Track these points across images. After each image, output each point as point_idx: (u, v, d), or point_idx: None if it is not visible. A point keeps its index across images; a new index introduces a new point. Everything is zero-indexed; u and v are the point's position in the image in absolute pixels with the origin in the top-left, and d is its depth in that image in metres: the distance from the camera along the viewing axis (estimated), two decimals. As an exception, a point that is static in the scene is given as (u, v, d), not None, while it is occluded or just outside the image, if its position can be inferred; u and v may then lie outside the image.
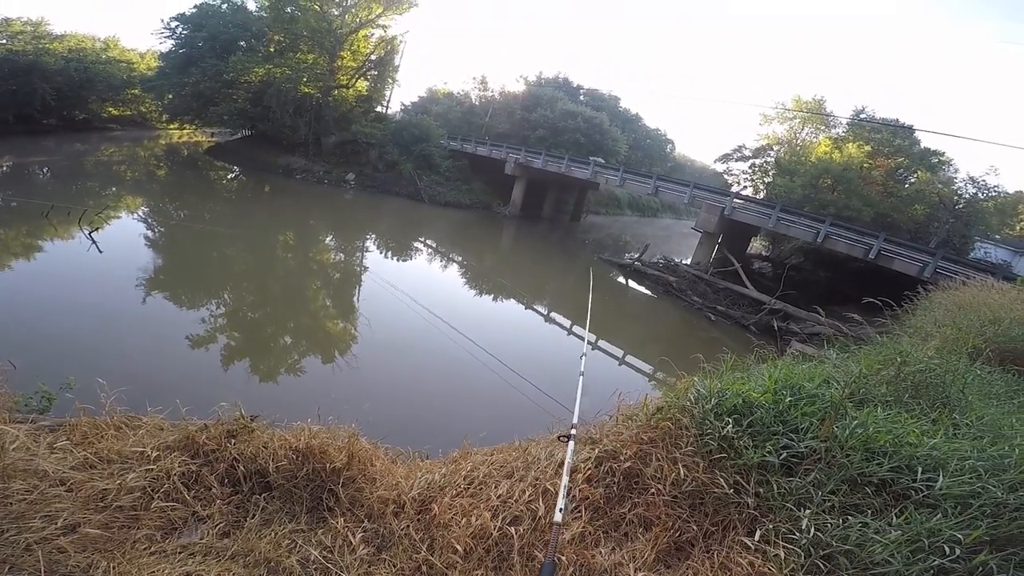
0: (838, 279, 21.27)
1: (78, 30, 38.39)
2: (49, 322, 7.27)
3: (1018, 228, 35.40)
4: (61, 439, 2.50)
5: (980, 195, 23.24)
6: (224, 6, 31.37)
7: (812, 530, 2.09)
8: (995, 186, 23.37)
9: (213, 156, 32.12)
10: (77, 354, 6.36)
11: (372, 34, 32.93)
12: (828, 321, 11.93)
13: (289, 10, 29.88)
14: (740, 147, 34.53)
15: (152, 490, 2.25)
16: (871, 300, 6.36)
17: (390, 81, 34.72)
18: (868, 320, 6.98)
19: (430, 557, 2.25)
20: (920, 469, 2.28)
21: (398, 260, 17.58)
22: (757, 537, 2.15)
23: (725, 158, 35.60)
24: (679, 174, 44.68)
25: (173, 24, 31.03)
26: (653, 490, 2.43)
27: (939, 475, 2.25)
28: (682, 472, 2.40)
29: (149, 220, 16.07)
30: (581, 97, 47.18)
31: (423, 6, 34.43)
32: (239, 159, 30.01)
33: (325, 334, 9.79)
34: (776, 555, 2.05)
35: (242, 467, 2.46)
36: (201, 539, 2.18)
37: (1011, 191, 31.68)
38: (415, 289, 12.67)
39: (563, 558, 2.17)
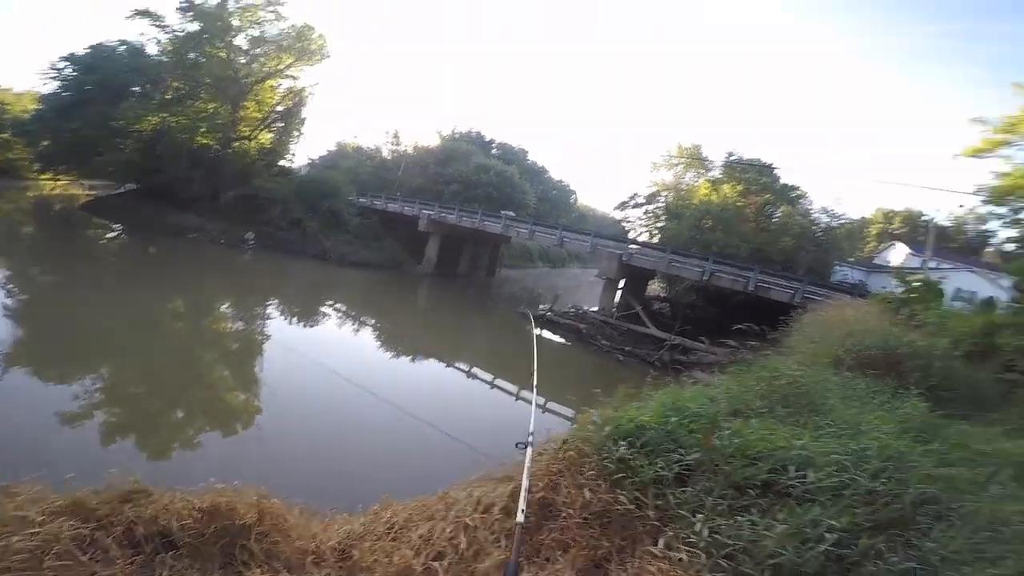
0: (728, 312, 23.51)
1: None
2: None
3: (866, 250, 41.66)
4: None
5: (832, 223, 27.46)
6: (122, 48, 29.31)
7: (706, 532, 2.32)
8: (842, 214, 27.98)
9: (91, 212, 28.94)
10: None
11: (280, 84, 32.23)
12: (713, 350, 13.21)
13: (192, 55, 28.51)
14: (634, 195, 37.52)
15: (42, 552, 1.99)
16: (750, 326, 7.20)
17: (296, 134, 33.61)
18: (751, 345, 7.92)
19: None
20: (793, 468, 2.63)
21: (305, 326, 16.54)
22: (661, 545, 2.35)
23: (622, 206, 38.60)
24: (583, 223, 47.45)
25: (61, 65, 28.44)
26: (564, 515, 2.59)
27: (809, 472, 2.61)
28: (587, 495, 2.60)
29: (7, 286, 13.99)
30: (493, 151, 48.89)
31: (335, 57, 34.02)
32: (122, 216, 27.02)
33: (225, 404, 9.01)
34: (680, 559, 2.24)
35: (141, 528, 2.28)
36: None
37: (856, 217, 37.89)
38: (326, 354, 12.16)
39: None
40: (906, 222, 46.51)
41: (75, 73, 28.36)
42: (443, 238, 29.22)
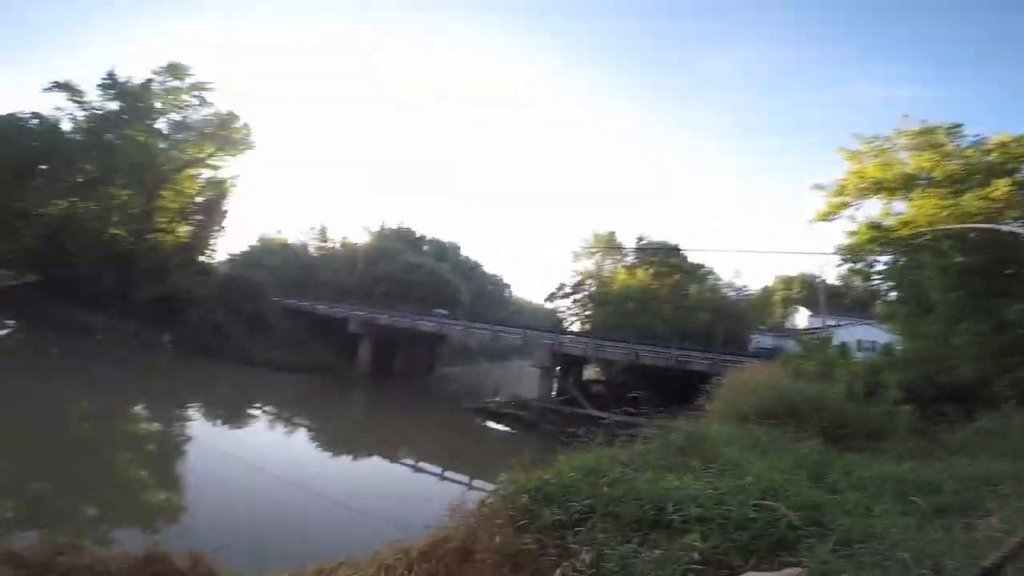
0: (658, 387, 24.65)
1: None
2: None
3: (776, 315, 44.90)
4: None
5: (736, 296, 30.40)
6: (34, 122, 27.17)
7: (589, 560, 2.73)
8: (744, 287, 31.08)
9: (-20, 306, 25.91)
10: None
11: (200, 174, 31.01)
12: (644, 423, 13.99)
13: (109, 136, 27.15)
14: (561, 285, 39.53)
15: None
16: (668, 396, 7.92)
17: (217, 228, 31.70)
18: (678, 412, 8.73)
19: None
20: (671, 504, 3.14)
21: (231, 427, 15.85)
22: (558, 574, 2.73)
23: (552, 297, 40.55)
24: (519, 316, 47.99)
25: None
26: (480, 559, 2.98)
27: (690, 506, 3.08)
28: (498, 540, 3.03)
29: None
30: (424, 247, 48.22)
31: (259, 149, 34.08)
32: (19, 310, 24.07)
33: (145, 505, 8.38)
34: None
35: None
36: None
37: (759, 287, 41.14)
38: (255, 454, 11.84)
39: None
40: (803, 286, 47.25)
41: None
42: (376, 339, 28.72)
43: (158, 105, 28.74)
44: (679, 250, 33.94)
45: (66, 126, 27.79)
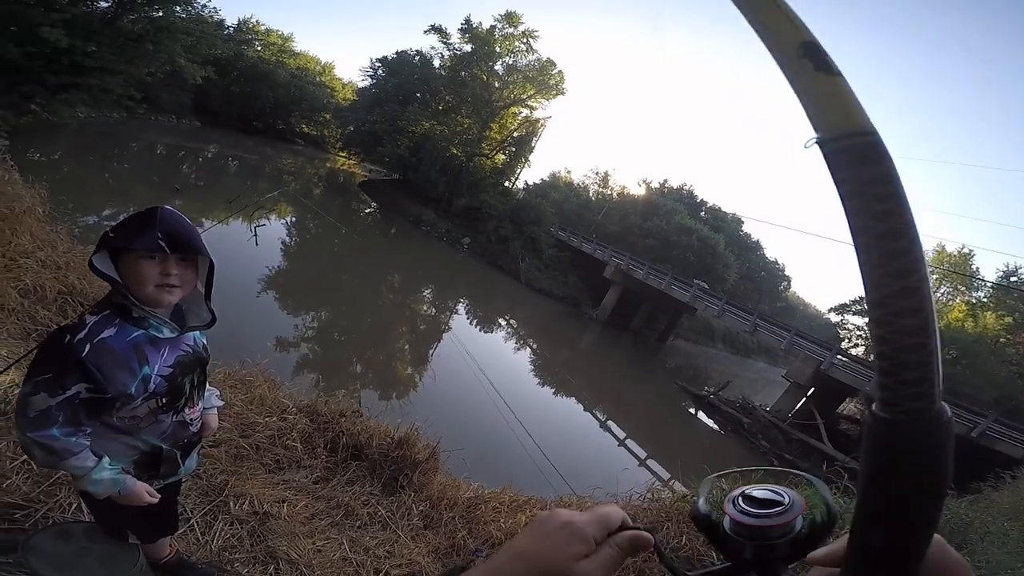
0: None
1: (310, 50, 46.90)
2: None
3: None
4: (223, 372, 3.46)
5: None
6: (417, 59, 35.89)
7: None
8: None
9: (363, 189, 36.73)
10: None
11: (520, 112, 35.87)
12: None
13: (463, 74, 33.63)
14: (861, 299, 32.06)
15: (279, 434, 3.09)
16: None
17: (523, 160, 36.94)
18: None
19: (467, 537, 2.94)
20: None
21: (480, 330, 18.58)
22: None
23: (842, 309, 33.62)
24: (787, 316, 42.18)
25: (376, 66, 36.55)
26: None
27: None
28: (684, 540, 3.01)
29: (291, 229, 18.92)
30: (702, 213, 46.45)
31: (568, 95, 36.75)
32: (381, 198, 33.83)
33: (404, 366, 10.83)
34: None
35: (344, 439, 3.26)
36: (299, 479, 2.93)
37: None
38: (485, 360, 13.36)
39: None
40: None
41: (383, 75, 35.92)
42: (624, 290, 28.83)
43: (497, 49, 33.54)
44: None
45: (436, 63, 35.56)
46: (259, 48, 40.65)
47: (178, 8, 21.92)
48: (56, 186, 13.32)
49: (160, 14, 21.14)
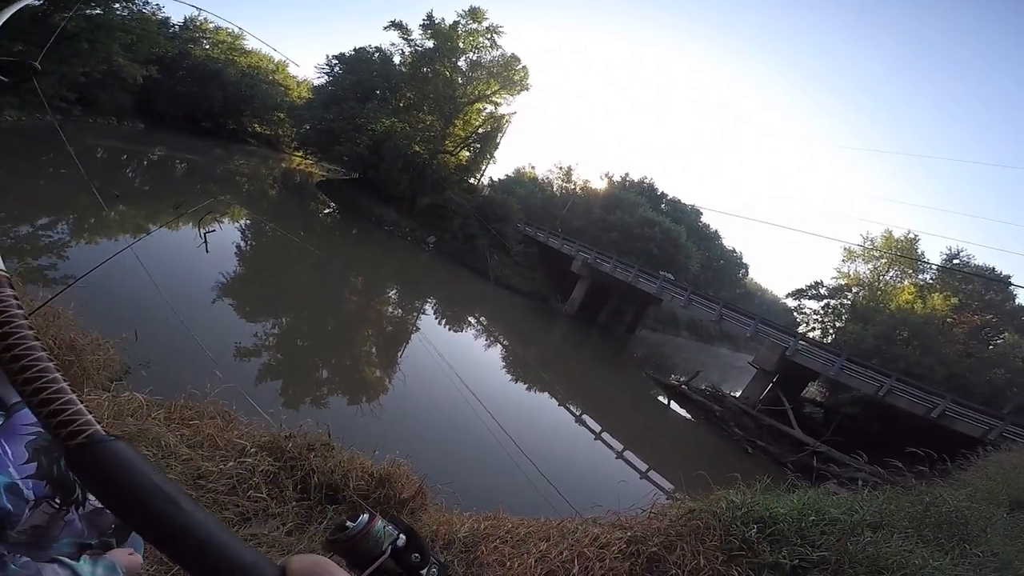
0: (892, 432, 20.10)
1: (261, 48, 44.83)
2: (153, 303, 8.36)
3: None
4: (162, 413, 3.03)
5: None
6: (376, 55, 35.03)
7: None
8: None
9: (320, 189, 35.49)
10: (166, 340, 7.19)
11: (484, 108, 35.44)
12: (869, 467, 11.45)
13: (425, 70, 32.96)
14: (817, 283, 33.40)
15: (239, 481, 2.70)
16: (916, 451, 6.04)
17: (488, 156, 36.49)
18: (912, 471, 6.81)
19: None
20: None
21: (449, 329, 18.20)
22: None
23: (798, 294, 34.73)
24: (747, 302, 43.53)
25: (333, 63, 35.30)
26: (672, 573, 2.76)
27: None
28: (702, 562, 2.76)
29: (246, 232, 18.00)
30: (663, 205, 47.26)
31: (531, 92, 36.66)
32: (340, 198, 32.77)
33: (369, 377, 10.36)
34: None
35: (316, 478, 2.91)
36: (269, 532, 2.56)
37: None
38: (457, 360, 13.10)
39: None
40: None
41: (340, 72, 34.68)
42: (591, 284, 29.08)
43: (461, 45, 33.06)
44: (1009, 284, 24.89)
45: (396, 59, 34.76)
46: (207, 46, 38.69)
47: (117, 6, 20.61)
48: (-21, 195, 12.28)
49: (98, 11, 19.82)
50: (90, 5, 19.49)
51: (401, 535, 0.70)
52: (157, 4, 26.64)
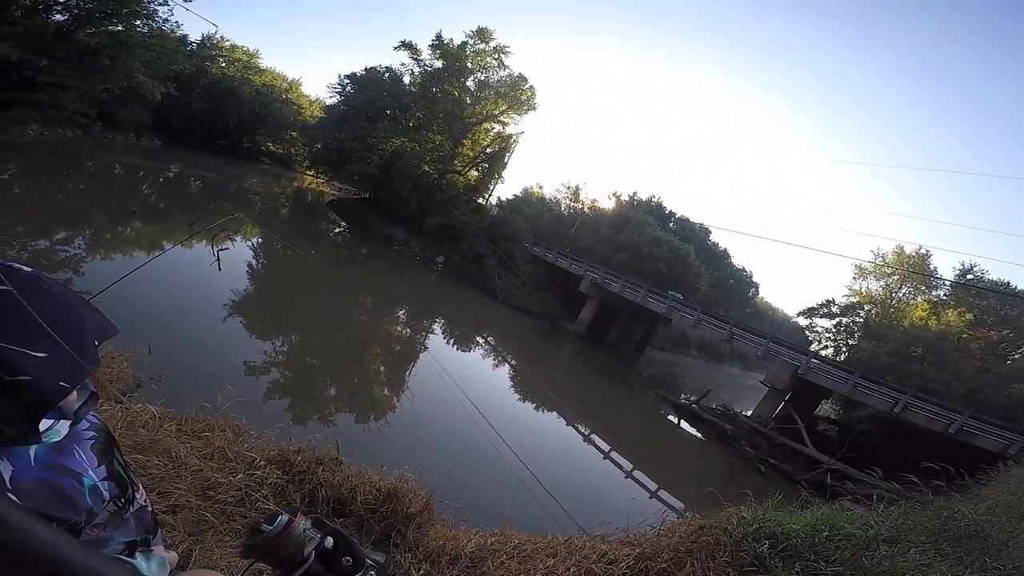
0: (908, 448, 19.63)
1: (277, 67, 45.90)
2: (166, 319, 8.43)
3: None
4: (173, 425, 3.03)
5: None
6: (386, 75, 35.64)
7: None
8: None
9: (331, 208, 35.87)
10: (180, 352, 7.24)
11: (492, 128, 35.61)
12: (884, 483, 11.17)
13: (434, 90, 33.24)
14: (829, 302, 33.01)
15: (247, 493, 2.69)
16: (933, 466, 5.86)
17: (496, 176, 36.39)
18: (929, 486, 6.62)
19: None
20: None
21: (458, 348, 18.13)
22: None
23: (810, 312, 34.35)
24: (757, 322, 43.13)
25: (344, 82, 35.95)
26: None
27: None
28: None
29: (258, 251, 18.21)
30: (671, 224, 47.22)
31: (538, 112, 36.79)
32: (350, 217, 33.05)
33: (380, 395, 10.35)
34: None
35: (323, 492, 2.90)
36: None
37: None
38: (465, 380, 13.01)
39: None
40: None
41: (351, 91, 35.25)
42: (600, 304, 28.87)
43: (469, 65, 33.40)
44: (1024, 296, 24.43)
45: (406, 79, 35.33)
46: (223, 64, 39.77)
47: (139, 23, 21.23)
48: (2, 208, 12.56)
49: (120, 28, 20.40)
50: (114, 21, 19.97)
51: (328, 537, 0.64)
52: (176, 21, 27.41)
